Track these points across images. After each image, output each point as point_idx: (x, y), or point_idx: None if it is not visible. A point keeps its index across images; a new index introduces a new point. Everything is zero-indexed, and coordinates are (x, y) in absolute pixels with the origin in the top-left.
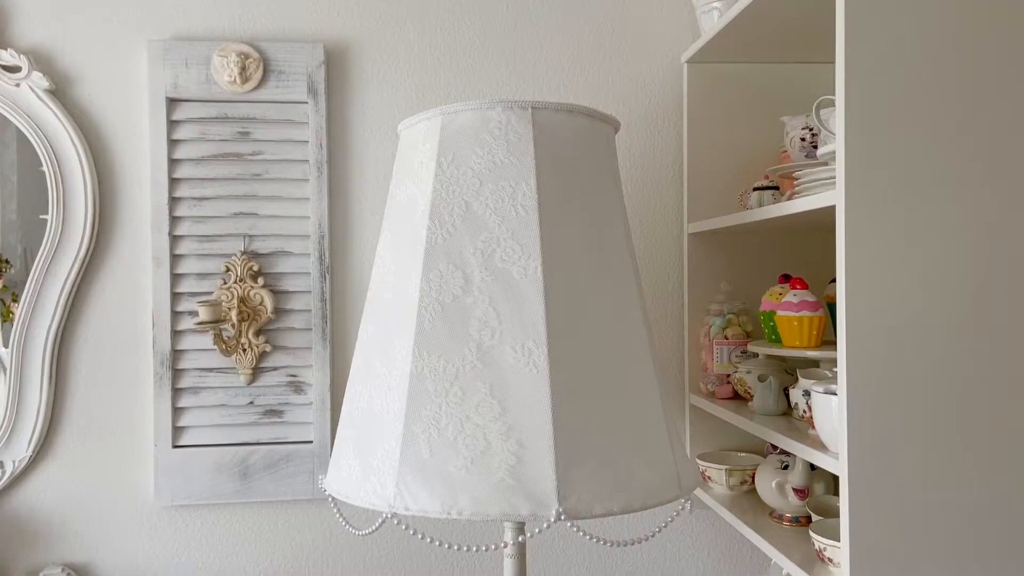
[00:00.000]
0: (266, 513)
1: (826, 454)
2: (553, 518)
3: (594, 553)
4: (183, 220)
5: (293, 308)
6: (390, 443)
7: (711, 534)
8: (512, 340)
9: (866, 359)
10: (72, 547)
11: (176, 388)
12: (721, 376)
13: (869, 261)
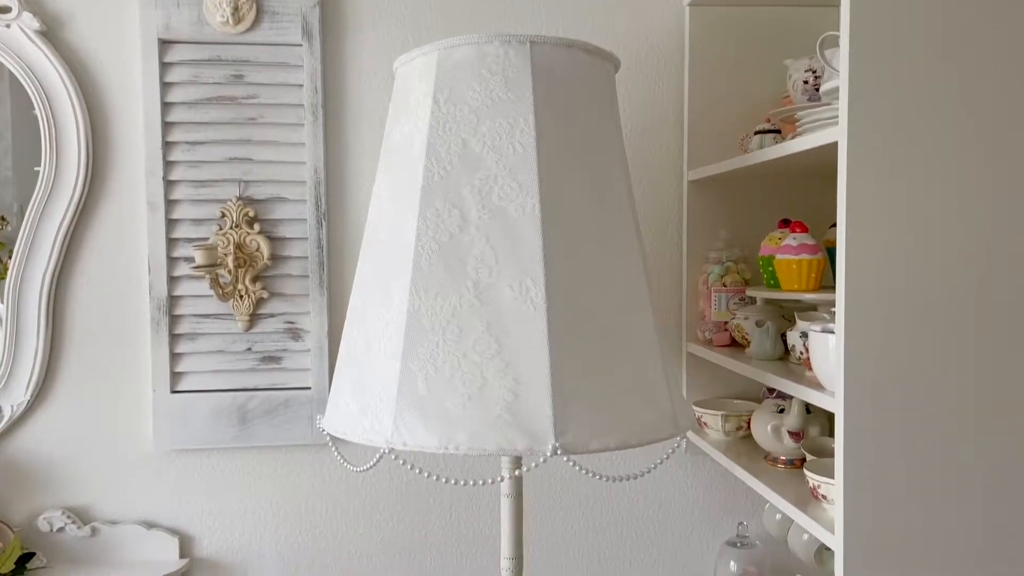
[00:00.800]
0: (265, 458)
1: (822, 393)
2: (549, 453)
3: (589, 495)
4: (177, 165)
5: (290, 255)
6: (387, 381)
7: (706, 480)
8: (510, 278)
9: (864, 298)
10: (72, 491)
11: (173, 334)
12: (719, 324)
13: (870, 199)
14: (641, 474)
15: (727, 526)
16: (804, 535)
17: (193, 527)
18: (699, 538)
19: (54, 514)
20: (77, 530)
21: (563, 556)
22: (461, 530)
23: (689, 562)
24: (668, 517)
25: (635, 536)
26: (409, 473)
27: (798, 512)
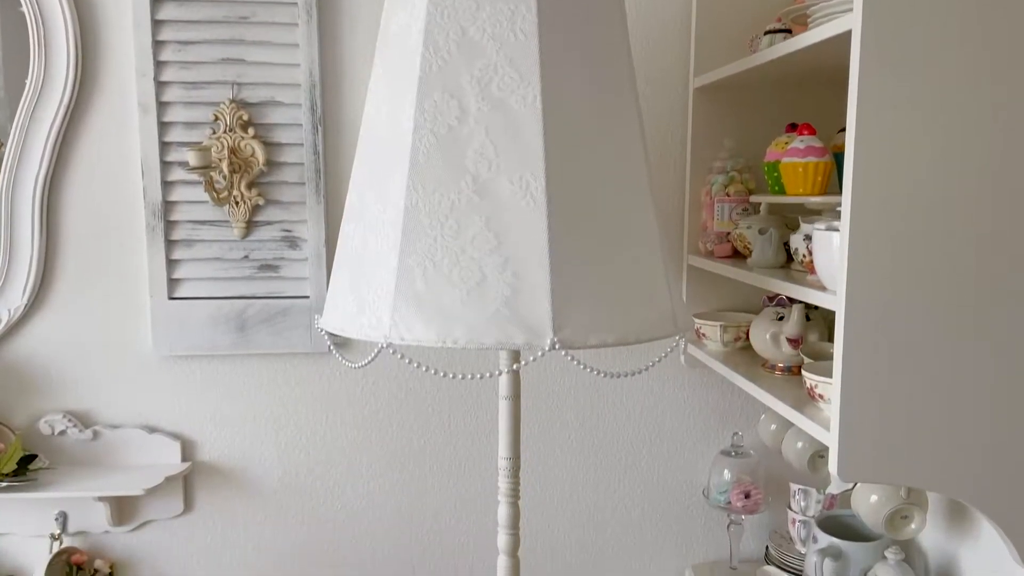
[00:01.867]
0: (265, 365)
1: (824, 293)
2: (548, 347)
3: (586, 405)
4: (168, 65)
5: (286, 161)
6: (385, 277)
7: (703, 391)
8: (509, 172)
9: (871, 195)
10: (73, 395)
11: (169, 240)
12: (720, 234)
13: (883, 95)
14: (638, 371)
15: (722, 436)
16: (798, 443)
17: (194, 432)
18: (694, 447)
19: (55, 417)
20: (79, 433)
21: (559, 462)
22: (459, 436)
23: (684, 470)
24: (664, 427)
25: (631, 444)
26: (409, 382)
27: (794, 412)
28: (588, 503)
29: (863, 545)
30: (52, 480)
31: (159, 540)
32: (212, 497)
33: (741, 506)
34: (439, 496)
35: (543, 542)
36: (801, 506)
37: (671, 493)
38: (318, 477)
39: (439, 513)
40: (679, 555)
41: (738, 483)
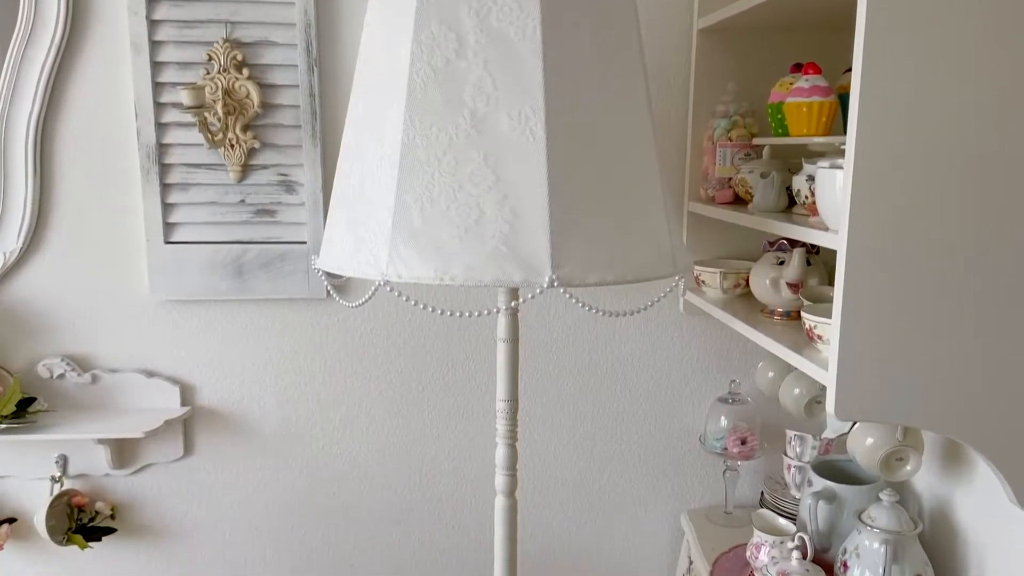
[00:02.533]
0: (263, 311)
1: (826, 233)
2: (546, 284)
3: (584, 351)
4: (160, 3)
5: (281, 103)
6: (382, 214)
7: (701, 339)
8: (508, 106)
9: (876, 134)
10: (71, 339)
11: (165, 183)
12: (722, 180)
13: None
14: (637, 310)
15: (720, 384)
16: (795, 389)
17: (193, 377)
18: (691, 395)
19: (53, 361)
20: (77, 377)
21: (556, 407)
22: (457, 382)
23: (680, 418)
24: (662, 374)
25: (628, 391)
26: (407, 328)
27: (792, 354)
28: (585, 448)
29: (858, 488)
30: (52, 423)
31: (160, 483)
32: (212, 441)
33: (737, 452)
34: (437, 440)
35: (540, 485)
36: (796, 452)
37: (668, 440)
38: (317, 423)
39: (437, 457)
40: (675, 500)
41: (734, 430)
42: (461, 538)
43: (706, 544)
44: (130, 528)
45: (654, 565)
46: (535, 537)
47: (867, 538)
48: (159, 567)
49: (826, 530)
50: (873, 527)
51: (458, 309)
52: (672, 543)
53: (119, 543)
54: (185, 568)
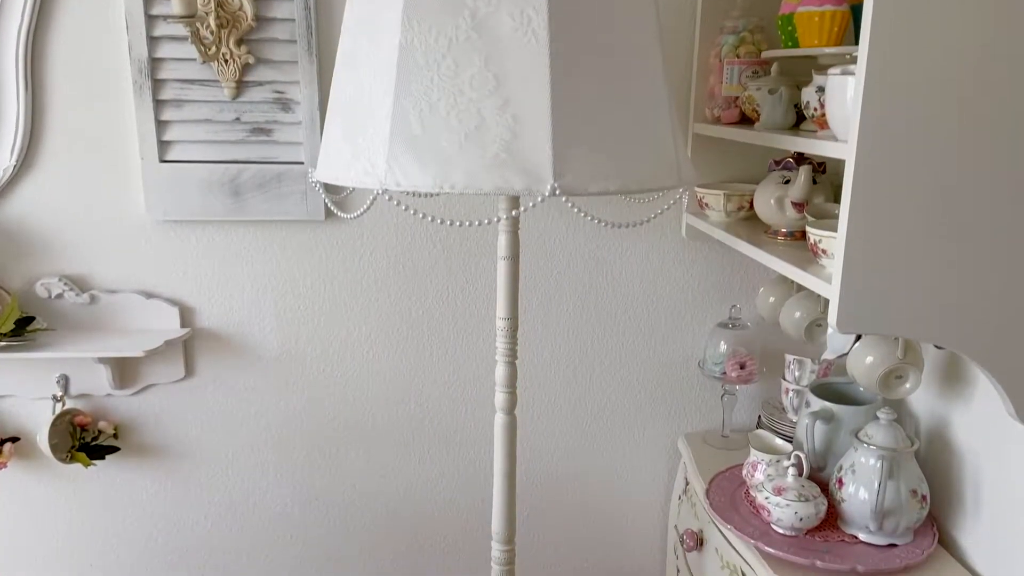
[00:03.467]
0: (261, 232)
1: (835, 143)
2: (547, 193)
3: (583, 274)
4: None
5: (275, 16)
6: (379, 121)
7: (703, 265)
8: (510, 6)
9: (889, 41)
10: (68, 259)
11: (158, 100)
12: (728, 99)
13: None
14: (640, 222)
15: (720, 310)
16: (796, 313)
17: (192, 298)
18: (691, 321)
19: (51, 280)
20: (76, 297)
21: (556, 330)
22: (457, 303)
23: (680, 343)
24: (662, 299)
25: (628, 315)
26: (407, 250)
27: (795, 269)
28: (584, 372)
29: (855, 408)
30: (51, 341)
31: (161, 404)
32: (212, 363)
33: (736, 376)
34: (438, 362)
35: (539, 408)
36: (795, 376)
37: (666, 364)
38: (317, 345)
39: (438, 379)
40: (672, 424)
41: (734, 354)
42: (461, 458)
43: (703, 466)
44: (133, 448)
45: (651, 487)
46: (534, 459)
47: (863, 455)
48: (162, 486)
49: (822, 450)
50: (870, 444)
51: (457, 218)
52: (669, 466)
53: (122, 462)
54: (188, 487)
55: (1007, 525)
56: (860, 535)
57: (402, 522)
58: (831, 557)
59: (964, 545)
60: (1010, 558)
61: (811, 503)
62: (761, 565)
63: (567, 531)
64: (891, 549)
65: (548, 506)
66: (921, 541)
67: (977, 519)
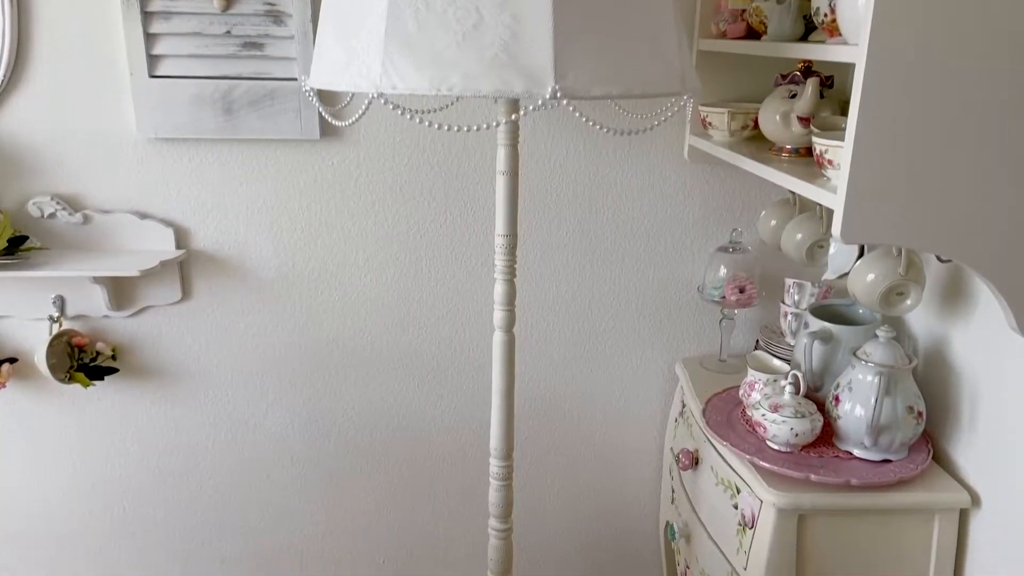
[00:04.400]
0: (255, 152)
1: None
2: (548, 95)
3: (585, 194)
4: None
5: None
6: (374, 21)
7: (705, 188)
8: None
9: None
10: (59, 177)
11: (146, 12)
12: (735, 12)
13: None
14: (642, 130)
15: (721, 235)
16: (798, 235)
17: (187, 219)
18: (692, 245)
19: (43, 199)
20: (68, 216)
21: (555, 253)
22: (456, 225)
23: (679, 267)
24: (663, 223)
25: (628, 239)
26: (404, 170)
27: (799, 182)
28: (583, 296)
29: (854, 328)
30: (46, 261)
31: (159, 326)
32: (209, 285)
33: (735, 300)
34: (436, 284)
35: (537, 332)
36: (794, 299)
37: (665, 289)
38: (314, 267)
39: (436, 301)
40: (669, 349)
41: (734, 278)
42: (460, 380)
43: (699, 388)
44: (132, 369)
45: (647, 411)
46: (531, 383)
47: (861, 372)
48: (162, 407)
49: (819, 370)
50: (868, 361)
51: (456, 124)
52: (666, 389)
53: (122, 383)
54: (188, 409)
55: (1001, 440)
56: (855, 451)
57: (402, 443)
58: (825, 471)
59: (958, 461)
60: (1003, 473)
61: (807, 419)
62: (756, 480)
63: (564, 454)
64: (885, 464)
65: (545, 430)
66: (915, 457)
67: (972, 435)
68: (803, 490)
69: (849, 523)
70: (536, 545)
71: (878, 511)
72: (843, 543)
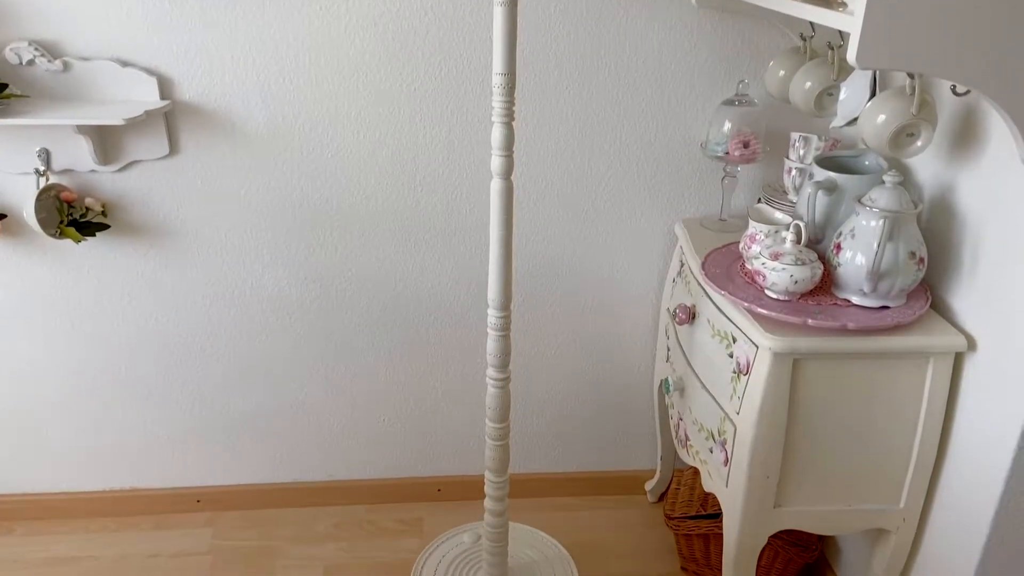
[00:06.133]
0: None
1: None
2: None
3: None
4: None
5: None
6: None
7: (712, 36)
8: None
9: None
10: (37, 23)
11: None
12: None
13: None
14: None
15: (727, 87)
16: (807, 83)
17: (171, 69)
18: (696, 101)
19: (20, 45)
20: (48, 64)
21: (554, 102)
22: (450, 77)
23: (683, 123)
24: (668, 76)
25: (631, 93)
26: (397, 17)
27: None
28: (582, 154)
29: (859, 178)
30: (27, 109)
31: (148, 182)
32: (197, 140)
33: (739, 156)
34: (430, 141)
35: (535, 187)
36: (800, 154)
37: (667, 146)
38: (304, 123)
39: (431, 159)
40: (669, 209)
41: (738, 133)
42: (458, 241)
43: (699, 246)
44: (124, 227)
45: (645, 272)
46: (530, 243)
47: (865, 218)
48: (157, 265)
49: (822, 222)
50: (872, 207)
51: None
52: (664, 252)
53: (114, 240)
54: (183, 269)
55: (1001, 284)
56: (853, 299)
57: (401, 303)
58: (823, 317)
59: (956, 307)
60: (1001, 317)
61: (807, 266)
62: (753, 327)
63: (561, 313)
64: (883, 310)
65: (543, 289)
66: (913, 303)
67: (972, 280)
68: (800, 334)
69: (843, 367)
70: (532, 399)
71: (873, 355)
72: (836, 387)
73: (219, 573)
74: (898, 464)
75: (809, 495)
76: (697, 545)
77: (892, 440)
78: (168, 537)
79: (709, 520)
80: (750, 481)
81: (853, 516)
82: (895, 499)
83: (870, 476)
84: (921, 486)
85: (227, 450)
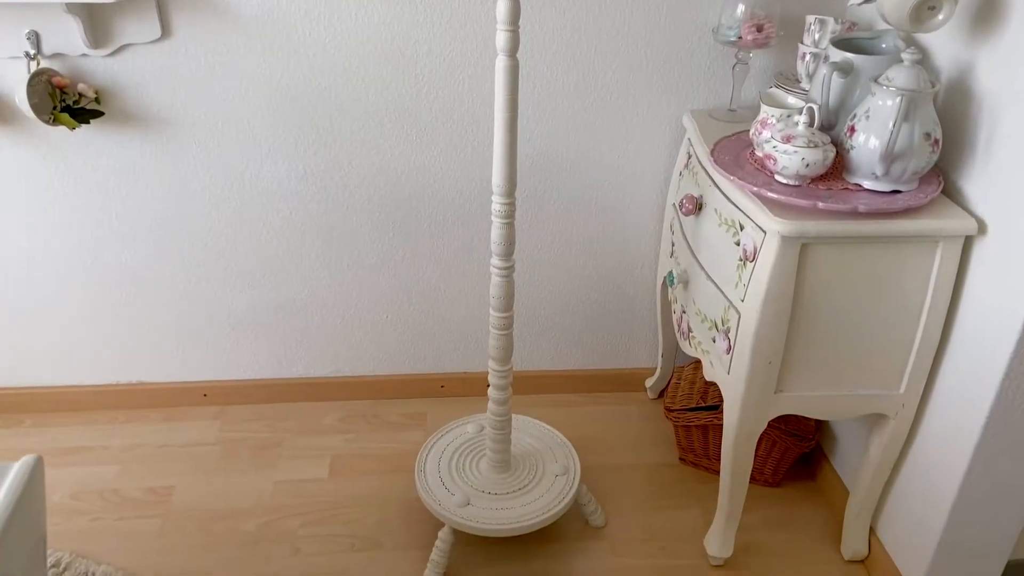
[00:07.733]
0: None
1: None
2: None
3: None
4: None
5: None
6: None
7: None
8: None
9: None
10: None
11: None
12: None
13: None
14: None
15: None
16: None
17: None
18: None
19: None
20: None
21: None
22: None
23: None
24: None
25: None
26: None
27: None
28: (588, 41)
29: (876, 59)
30: None
31: (141, 68)
32: (190, 22)
33: (752, 40)
34: (433, 26)
35: (540, 76)
36: (815, 38)
37: (676, 33)
38: (300, 5)
39: (432, 48)
40: (678, 100)
41: (751, 16)
42: (460, 134)
43: (708, 136)
44: (118, 114)
45: (652, 165)
46: (533, 140)
47: (881, 97)
48: (153, 154)
49: (836, 106)
50: (889, 86)
51: None
52: (671, 143)
53: (109, 128)
54: (180, 158)
55: (1016, 170)
56: (865, 183)
57: (402, 198)
58: (833, 200)
59: (968, 192)
60: (1014, 200)
61: (819, 149)
62: (761, 211)
63: (566, 206)
64: (894, 194)
65: (547, 182)
66: (925, 188)
67: (986, 164)
68: (809, 218)
69: (851, 251)
70: (534, 297)
71: (882, 238)
72: (843, 273)
73: (228, 462)
74: (900, 349)
75: (810, 380)
76: (696, 436)
77: (896, 325)
78: (177, 428)
79: (708, 412)
80: (752, 368)
81: (853, 401)
82: (896, 384)
83: (872, 361)
84: (923, 371)
85: (234, 345)
